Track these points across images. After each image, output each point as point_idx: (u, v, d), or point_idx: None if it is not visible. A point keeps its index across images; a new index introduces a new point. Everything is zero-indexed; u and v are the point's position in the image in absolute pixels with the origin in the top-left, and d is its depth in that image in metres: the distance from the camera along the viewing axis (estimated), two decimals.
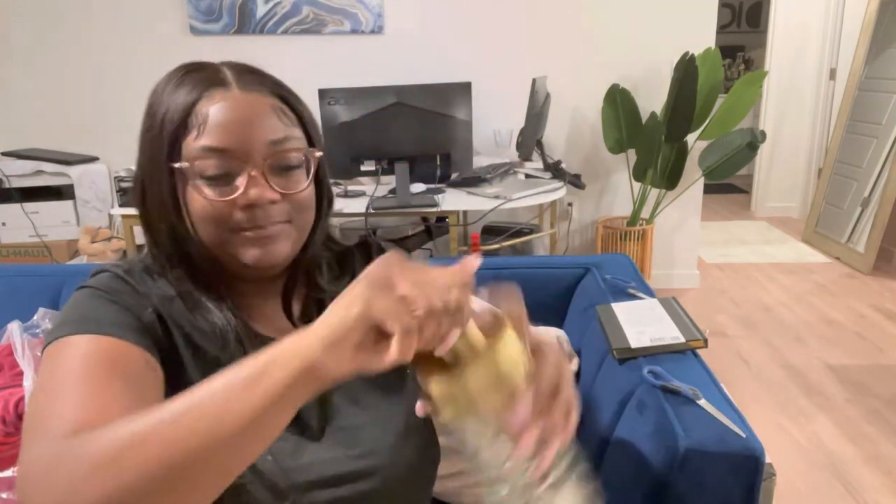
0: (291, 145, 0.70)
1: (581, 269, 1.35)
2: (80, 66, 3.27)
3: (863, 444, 2.17)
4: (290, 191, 0.71)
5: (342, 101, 2.23)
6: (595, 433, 0.99)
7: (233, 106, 0.68)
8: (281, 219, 0.71)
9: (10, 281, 1.37)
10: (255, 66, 0.75)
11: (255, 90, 0.70)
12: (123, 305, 0.67)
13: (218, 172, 0.68)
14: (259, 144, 0.68)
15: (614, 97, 3.17)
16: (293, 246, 0.73)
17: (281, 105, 0.71)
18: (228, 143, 0.67)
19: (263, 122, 0.69)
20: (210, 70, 0.72)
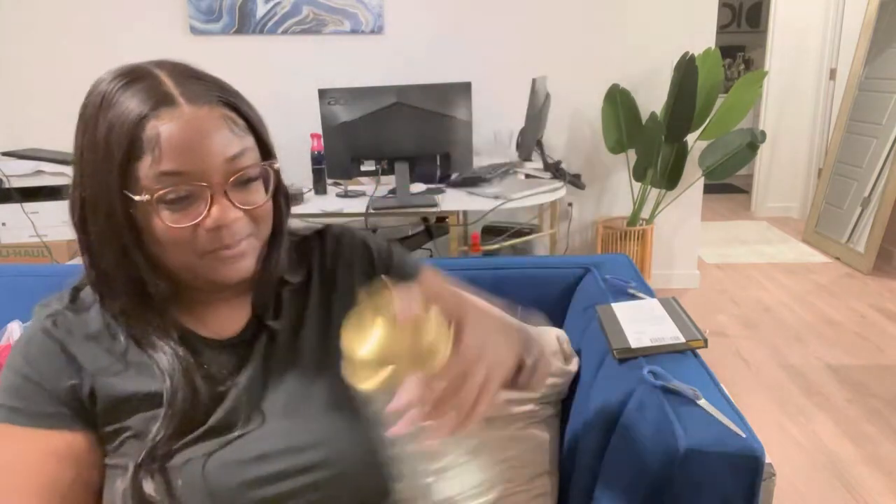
0: (248, 159, 0.69)
1: (581, 269, 1.35)
2: (80, 66, 3.27)
3: (863, 444, 2.17)
4: (251, 205, 0.70)
5: (342, 101, 2.23)
6: (595, 433, 0.99)
7: (184, 125, 0.65)
8: (245, 234, 0.71)
9: (10, 281, 1.37)
10: (195, 69, 0.72)
11: (203, 102, 0.67)
12: (43, 383, 0.71)
13: (177, 195, 0.66)
14: (216, 163, 0.67)
15: (614, 97, 3.17)
16: (258, 258, 0.74)
17: (230, 113, 0.69)
18: (186, 167, 0.65)
19: (217, 138, 0.67)
20: (150, 80, 0.68)
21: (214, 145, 0.66)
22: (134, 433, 0.71)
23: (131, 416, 0.71)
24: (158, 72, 0.69)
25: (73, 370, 0.72)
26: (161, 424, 0.69)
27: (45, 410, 0.70)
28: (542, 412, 1.17)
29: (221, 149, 0.67)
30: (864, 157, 3.88)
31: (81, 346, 0.73)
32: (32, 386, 0.71)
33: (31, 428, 0.70)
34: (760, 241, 4.50)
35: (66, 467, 0.69)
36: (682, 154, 3.16)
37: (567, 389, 1.19)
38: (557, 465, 1.18)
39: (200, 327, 0.77)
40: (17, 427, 0.69)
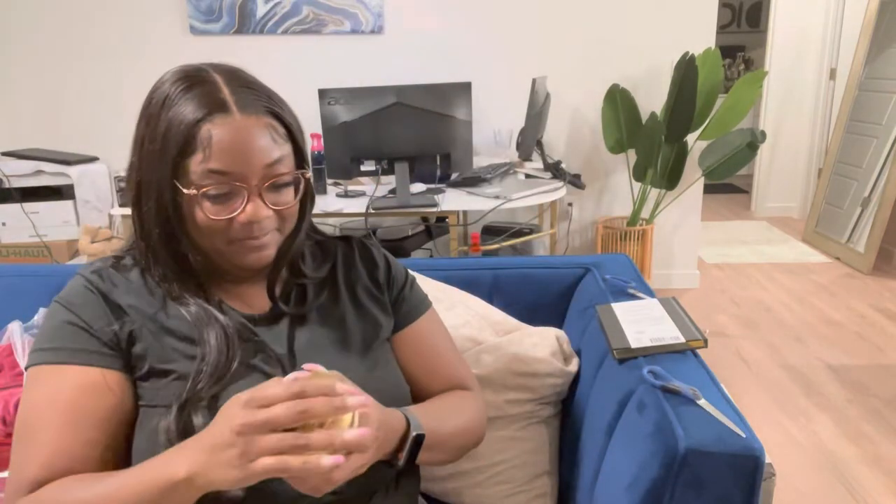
0: (284, 167, 0.79)
1: (581, 269, 1.35)
2: (80, 66, 3.28)
3: (863, 444, 2.17)
4: (281, 206, 0.80)
5: (342, 101, 2.23)
6: (595, 433, 0.99)
7: (234, 131, 0.74)
8: (271, 228, 0.81)
9: (10, 281, 1.37)
10: (249, 77, 0.81)
11: (252, 111, 0.76)
12: (85, 326, 0.78)
13: (219, 192, 0.76)
14: (257, 168, 0.76)
15: (614, 97, 3.17)
16: (278, 249, 0.84)
17: (274, 122, 0.78)
18: (230, 167, 0.75)
19: (260, 145, 0.76)
20: (209, 86, 0.77)
21: (257, 151, 0.76)
22: (178, 376, 0.78)
23: (172, 361, 0.79)
24: (217, 77, 0.78)
25: (114, 316, 0.79)
26: (200, 366, 0.77)
27: (85, 347, 0.77)
28: (541, 412, 1.17)
29: (262, 155, 0.76)
30: (864, 157, 3.88)
31: (123, 297, 0.81)
32: (73, 328, 0.78)
33: (68, 364, 0.76)
34: (760, 241, 4.50)
35: (103, 399, 0.76)
36: (682, 154, 3.16)
37: (567, 389, 1.19)
38: (557, 465, 1.18)
39: (233, 302, 0.86)
40: (52, 366, 0.76)
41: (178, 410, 0.75)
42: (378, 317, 0.93)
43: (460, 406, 0.94)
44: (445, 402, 0.94)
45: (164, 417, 0.75)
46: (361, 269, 0.96)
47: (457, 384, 0.98)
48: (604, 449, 0.94)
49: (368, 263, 0.97)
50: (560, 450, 1.19)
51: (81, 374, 0.76)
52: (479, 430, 0.95)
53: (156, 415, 0.76)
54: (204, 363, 0.77)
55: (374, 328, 0.92)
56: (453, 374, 0.98)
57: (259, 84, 0.81)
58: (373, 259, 0.98)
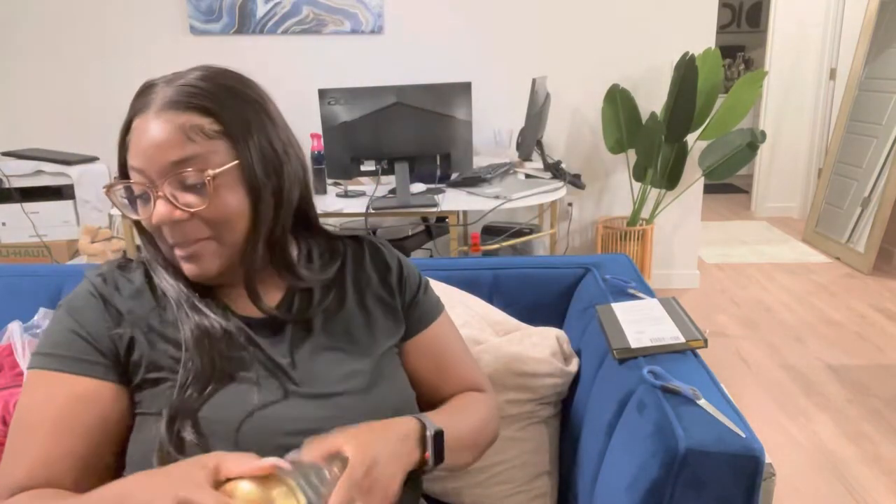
0: (194, 165, 0.74)
1: (581, 269, 1.35)
2: (80, 66, 3.27)
3: (863, 444, 2.17)
4: (192, 207, 0.75)
5: (342, 101, 2.23)
6: (595, 433, 0.99)
7: (144, 128, 0.74)
8: (201, 236, 0.77)
9: (10, 281, 1.37)
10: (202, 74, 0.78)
11: (171, 108, 0.74)
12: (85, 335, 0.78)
13: (140, 192, 0.76)
14: (161, 166, 0.74)
15: (614, 97, 3.17)
16: (223, 259, 0.79)
17: (199, 120, 0.74)
18: (139, 164, 0.75)
19: (166, 144, 0.73)
20: (149, 92, 0.76)
21: (161, 150, 0.73)
22: (171, 384, 0.77)
23: (165, 368, 0.78)
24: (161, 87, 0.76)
25: (113, 321, 0.79)
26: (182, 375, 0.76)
27: (81, 357, 0.77)
28: (541, 412, 1.17)
29: (167, 154, 0.73)
30: (864, 157, 3.88)
31: (125, 302, 0.81)
32: (72, 335, 0.78)
33: (62, 372, 0.76)
34: (760, 241, 4.50)
35: (90, 411, 0.76)
36: (682, 154, 3.16)
37: (567, 389, 1.19)
38: (557, 465, 1.18)
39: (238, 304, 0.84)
40: (48, 372, 0.77)
41: (169, 421, 0.73)
42: (387, 325, 0.91)
43: (474, 406, 0.93)
44: (459, 403, 0.93)
45: (156, 426, 0.75)
46: (372, 271, 0.93)
47: (469, 387, 0.97)
48: (604, 449, 0.94)
49: (380, 266, 0.94)
50: (560, 450, 1.19)
51: (75, 383, 0.76)
52: (494, 428, 0.95)
53: (150, 422, 0.76)
54: (186, 370, 0.76)
55: (382, 337, 0.89)
56: (466, 377, 0.97)
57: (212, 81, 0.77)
58: (384, 261, 0.94)
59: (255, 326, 0.83)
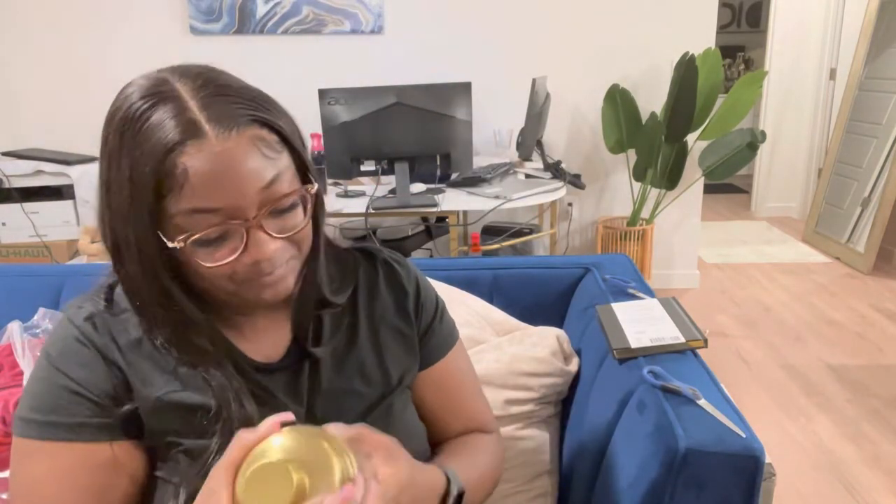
0: (283, 184, 0.64)
1: (581, 269, 1.35)
2: (80, 66, 3.27)
3: (863, 444, 2.17)
4: (289, 232, 0.66)
5: (342, 101, 2.23)
6: (595, 433, 0.99)
7: (213, 159, 0.60)
8: (285, 259, 0.68)
9: (10, 281, 1.37)
10: (222, 80, 0.66)
11: (230, 125, 0.61)
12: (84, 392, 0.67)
13: (213, 236, 0.62)
14: (250, 196, 0.62)
15: (614, 97, 3.17)
16: (298, 276, 0.71)
17: (261, 132, 0.63)
18: (218, 203, 0.61)
19: (249, 168, 0.61)
20: (173, 102, 0.61)
21: (247, 177, 0.61)
22: (185, 448, 0.69)
23: (180, 428, 0.69)
24: (180, 89, 0.63)
25: (114, 376, 0.68)
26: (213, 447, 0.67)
27: (86, 422, 0.67)
28: (541, 412, 1.17)
29: (254, 179, 0.62)
30: (864, 157, 3.88)
31: (124, 354, 0.69)
32: (70, 395, 0.67)
33: (69, 442, 0.66)
34: (760, 241, 4.50)
35: (104, 477, 0.67)
36: (682, 154, 3.16)
37: (567, 389, 1.19)
38: (557, 465, 1.18)
39: (248, 348, 0.75)
40: (51, 443, 0.66)
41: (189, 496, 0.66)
42: (400, 358, 0.82)
43: (485, 456, 0.88)
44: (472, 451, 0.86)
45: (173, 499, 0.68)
46: (387, 296, 0.83)
47: (477, 426, 0.91)
48: (604, 449, 0.94)
49: (395, 290, 0.84)
50: (560, 450, 1.19)
51: (80, 450, 0.67)
52: (499, 475, 0.91)
53: (168, 490, 0.69)
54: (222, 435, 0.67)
55: (395, 373, 0.81)
56: (475, 416, 0.91)
57: (237, 85, 0.66)
58: (401, 284, 0.84)
59: (272, 371, 0.74)
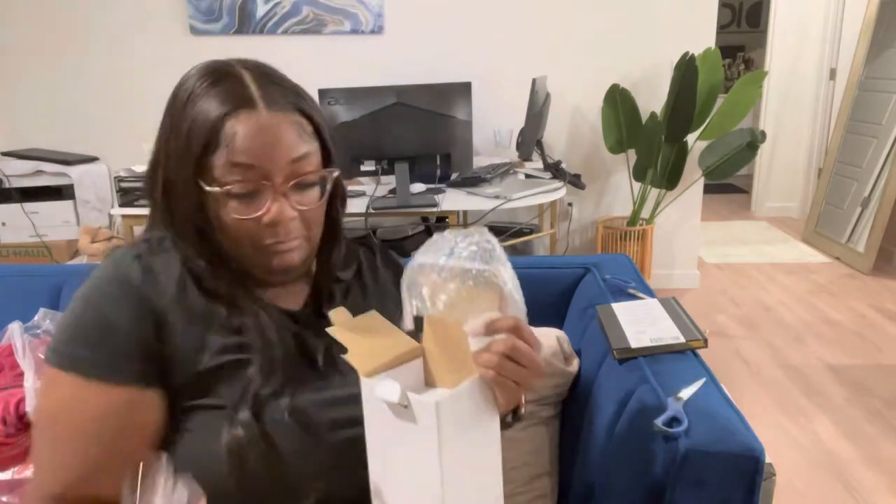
0: (310, 164, 0.76)
1: (581, 269, 1.35)
2: (80, 66, 3.27)
3: (863, 444, 2.17)
4: (307, 206, 0.77)
5: (342, 101, 2.23)
6: (595, 433, 0.99)
7: (259, 126, 0.72)
8: (298, 234, 0.77)
9: (10, 281, 1.37)
10: (277, 74, 0.79)
11: (279, 108, 0.74)
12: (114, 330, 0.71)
13: (244, 191, 0.73)
14: (282, 163, 0.73)
15: (614, 97, 3.17)
16: (304, 257, 0.80)
17: (301, 120, 0.76)
18: (255, 161, 0.72)
19: (286, 140, 0.73)
20: (235, 81, 0.74)
21: (282, 146, 0.73)
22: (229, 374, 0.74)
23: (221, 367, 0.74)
24: (243, 73, 0.76)
25: (153, 318, 0.73)
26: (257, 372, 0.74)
27: (116, 363, 0.71)
28: (541, 413, 1.17)
29: (288, 151, 0.73)
30: (864, 157, 3.88)
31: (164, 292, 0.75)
32: (106, 333, 0.71)
33: (97, 381, 0.70)
34: (760, 241, 4.50)
35: (126, 420, 0.71)
36: (682, 154, 3.16)
37: (567, 390, 1.19)
38: (557, 466, 1.18)
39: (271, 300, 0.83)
40: (81, 378, 0.70)
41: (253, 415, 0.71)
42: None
43: None
44: None
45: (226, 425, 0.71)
46: (385, 273, 0.94)
47: None
48: (604, 449, 0.94)
49: (392, 266, 0.95)
50: (560, 450, 1.19)
51: (107, 392, 0.70)
52: None
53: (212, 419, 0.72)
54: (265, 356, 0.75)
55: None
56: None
57: (288, 81, 0.79)
58: (395, 262, 0.96)
59: (297, 319, 0.83)
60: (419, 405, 0.61)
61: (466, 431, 0.63)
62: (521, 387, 0.67)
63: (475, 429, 0.65)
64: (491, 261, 0.66)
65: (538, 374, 0.68)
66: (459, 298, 0.65)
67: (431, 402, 0.60)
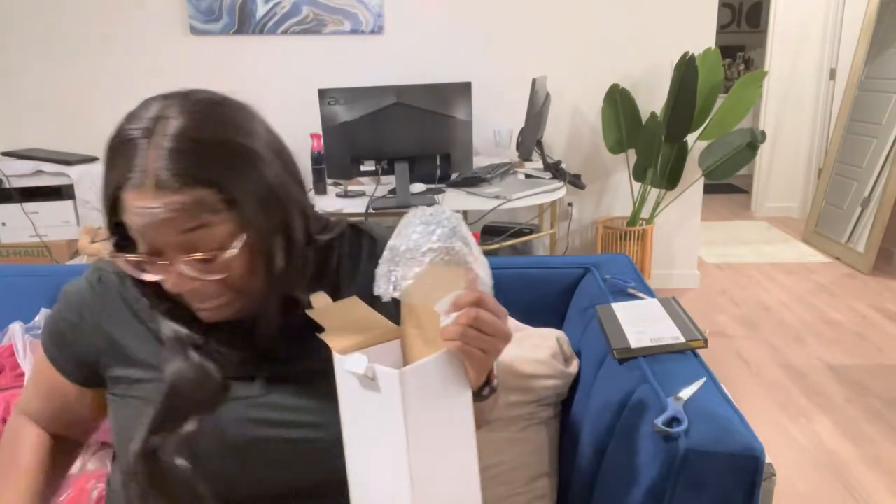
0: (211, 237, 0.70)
1: (581, 269, 1.35)
2: (80, 66, 3.27)
3: (863, 444, 2.17)
4: (215, 276, 0.72)
5: (342, 101, 2.23)
6: (595, 434, 0.99)
7: (146, 207, 0.68)
8: (220, 296, 0.74)
9: (10, 281, 1.37)
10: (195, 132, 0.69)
11: (171, 185, 0.67)
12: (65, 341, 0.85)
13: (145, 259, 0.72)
14: (172, 242, 0.70)
15: (614, 97, 3.17)
16: (243, 305, 0.77)
17: (203, 192, 0.68)
18: (146, 238, 0.71)
19: (176, 221, 0.68)
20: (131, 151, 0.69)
21: (171, 227, 0.69)
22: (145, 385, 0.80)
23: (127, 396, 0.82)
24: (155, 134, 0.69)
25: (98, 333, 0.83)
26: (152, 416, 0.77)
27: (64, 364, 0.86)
28: (541, 413, 1.17)
29: (174, 235, 0.69)
30: (864, 157, 3.88)
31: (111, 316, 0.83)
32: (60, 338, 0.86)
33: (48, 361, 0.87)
34: (760, 241, 4.50)
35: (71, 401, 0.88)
36: (682, 154, 3.16)
37: (567, 391, 1.19)
38: (557, 466, 1.18)
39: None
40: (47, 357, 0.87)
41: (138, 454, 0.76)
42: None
43: None
44: None
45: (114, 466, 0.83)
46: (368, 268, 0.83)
47: None
48: (604, 449, 0.94)
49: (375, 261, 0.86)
50: (560, 451, 1.19)
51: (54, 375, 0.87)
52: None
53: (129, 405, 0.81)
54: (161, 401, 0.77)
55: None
56: None
57: (212, 140, 0.70)
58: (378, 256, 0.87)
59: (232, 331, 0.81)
60: (384, 376, 0.62)
61: (434, 403, 0.64)
62: (489, 354, 0.67)
63: (444, 401, 0.65)
64: (456, 239, 0.67)
65: (504, 338, 0.68)
66: (429, 278, 0.66)
67: (395, 373, 0.60)
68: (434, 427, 0.64)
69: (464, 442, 0.67)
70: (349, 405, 0.68)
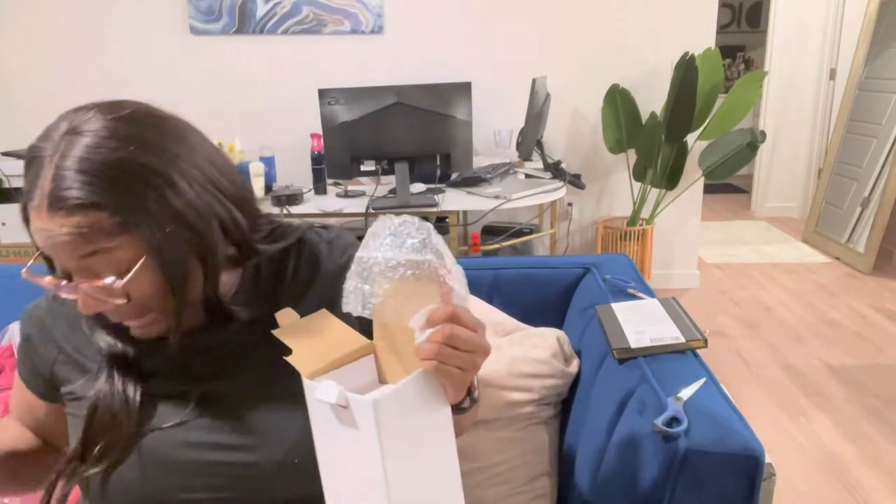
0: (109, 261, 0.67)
1: (581, 269, 1.35)
2: (79, 66, 3.27)
3: (863, 444, 2.17)
4: (115, 300, 0.69)
5: (342, 101, 2.23)
6: (595, 434, 0.99)
7: (43, 227, 0.68)
8: (138, 314, 0.72)
9: (10, 281, 1.37)
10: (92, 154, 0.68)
11: (63, 209, 0.66)
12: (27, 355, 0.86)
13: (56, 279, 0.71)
14: (70, 265, 0.69)
15: (614, 97, 3.17)
16: (170, 320, 0.72)
17: (94, 216, 0.66)
18: (56, 262, 0.71)
19: (67, 245, 0.67)
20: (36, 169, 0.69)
21: (62, 253, 0.68)
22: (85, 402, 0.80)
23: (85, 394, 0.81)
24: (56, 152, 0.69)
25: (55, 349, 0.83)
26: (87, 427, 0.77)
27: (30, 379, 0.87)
28: (541, 413, 1.17)
29: (68, 258, 0.68)
30: (864, 157, 3.88)
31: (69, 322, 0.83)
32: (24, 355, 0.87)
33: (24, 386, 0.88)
34: (760, 241, 4.50)
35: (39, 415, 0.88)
36: (682, 154, 3.16)
37: (567, 390, 1.19)
38: (557, 466, 1.18)
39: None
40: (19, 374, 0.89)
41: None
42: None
43: None
44: None
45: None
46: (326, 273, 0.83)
47: None
48: (604, 449, 0.94)
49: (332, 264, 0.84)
50: (560, 450, 1.19)
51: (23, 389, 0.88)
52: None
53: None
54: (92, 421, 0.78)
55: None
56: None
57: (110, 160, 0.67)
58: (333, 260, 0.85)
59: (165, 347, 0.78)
60: (357, 405, 0.59)
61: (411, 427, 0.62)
62: (467, 371, 0.64)
63: (422, 424, 0.63)
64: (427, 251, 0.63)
65: (483, 353, 0.65)
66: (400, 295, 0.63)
67: (369, 401, 0.58)
68: (412, 447, 0.62)
69: (444, 459, 0.65)
70: (321, 431, 0.65)
